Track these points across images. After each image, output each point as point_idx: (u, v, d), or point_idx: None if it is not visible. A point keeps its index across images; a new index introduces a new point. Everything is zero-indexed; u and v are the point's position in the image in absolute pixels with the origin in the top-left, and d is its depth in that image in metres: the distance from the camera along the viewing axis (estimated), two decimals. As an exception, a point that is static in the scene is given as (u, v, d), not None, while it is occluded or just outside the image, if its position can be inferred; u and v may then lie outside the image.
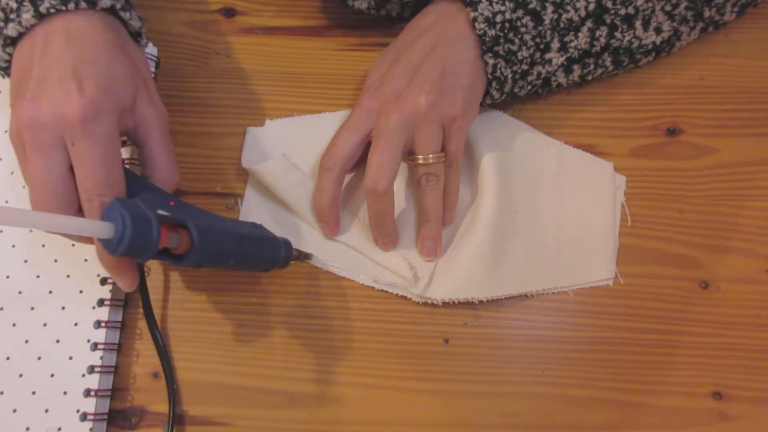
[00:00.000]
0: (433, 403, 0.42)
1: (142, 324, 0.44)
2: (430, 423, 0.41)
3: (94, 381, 0.41)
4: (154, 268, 0.45)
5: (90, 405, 0.41)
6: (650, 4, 0.42)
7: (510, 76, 0.42)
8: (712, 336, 0.42)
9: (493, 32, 0.40)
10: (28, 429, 0.40)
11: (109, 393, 0.42)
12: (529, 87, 0.44)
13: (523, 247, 0.44)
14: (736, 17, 0.47)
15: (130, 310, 0.44)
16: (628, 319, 0.43)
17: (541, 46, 0.42)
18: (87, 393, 0.41)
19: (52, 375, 0.42)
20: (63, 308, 0.43)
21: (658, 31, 0.44)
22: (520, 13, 0.41)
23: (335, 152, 0.41)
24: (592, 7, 0.42)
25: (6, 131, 0.48)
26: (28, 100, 0.35)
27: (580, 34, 0.42)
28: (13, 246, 0.45)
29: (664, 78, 0.48)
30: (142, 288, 0.42)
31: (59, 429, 0.40)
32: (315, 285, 0.44)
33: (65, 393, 0.41)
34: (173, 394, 0.41)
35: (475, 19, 0.40)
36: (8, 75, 0.39)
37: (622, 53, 0.44)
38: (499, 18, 0.40)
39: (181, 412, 0.42)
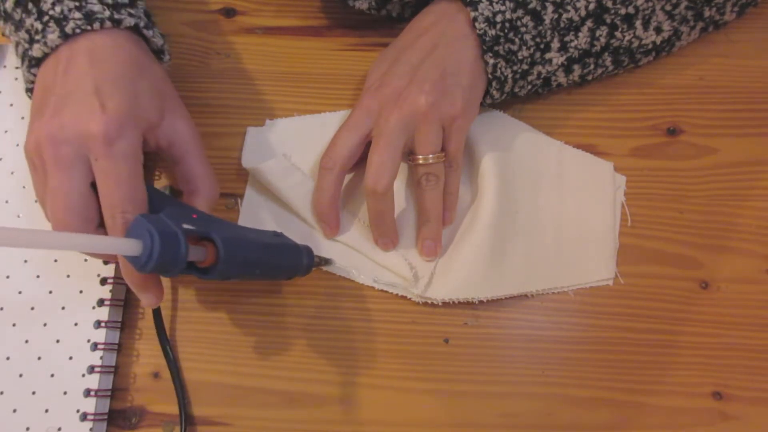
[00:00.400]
0: (433, 403, 0.42)
1: (143, 324, 0.44)
2: (430, 423, 0.41)
3: (94, 381, 0.41)
4: (154, 268, 0.45)
5: (90, 405, 0.41)
6: (650, 4, 0.42)
7: (510, 75, 0.42)
8: (712, 336, 0.42)
9: (493, 32, 0.40)
10: (28, 429, 0.40)
11: (109, 393, 0.42)
12: (530, 87, 0.44)
13: (523, 247, 0.44)
14: (737, 17, 0.47)
15: (130, 310, 0.44)
16: (628, 319, 0.43)
17: (542, 46, 0.42)
18: (87, 393, 0.41)
19: (52, 375, 0.42)
20: (63, 308, 0.43)
21: (658, 30, 0.44)
22: (520, 12, 0.41)
23: (335, 152, 0.41)
24: (592, 6, 0.42)
25: (6, 131, 0.48)
26: (48, 117, 0.35)
27: (580, 34, 0.42)
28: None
29: (664, 78, 0.48)
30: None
31: (59, 429, 0.40)
32: (315, 285, 0.44)
33: (65, 393, 0.41)
34: (183, 406, 0.41)
35: (475, 19, 0.40)
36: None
37: (622, 53, 0.44)
38: (499, 18, 0.40)
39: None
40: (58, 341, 0.42)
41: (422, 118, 0.39)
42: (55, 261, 0.44)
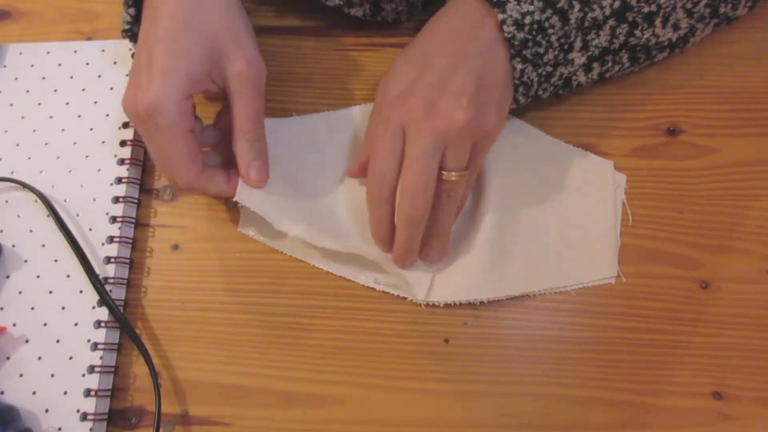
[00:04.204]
0: (433, 403, 0.42)
1: (142, 324, 0.44)
2: (430, 423, 0.41)
3: (94, 381, 0.41)
4: (156, 267, 0.45)
5: (90, 405, 0.41)
6: (672, 2, 0.41)
7: (536, 79, 0.40)
8: (712, 336, 0.42)
9: (521, 35, 0.38)
10: (28, 429, 0.40)
11: (109, 393, 0.42)
12: (552, 89, 0.43)
13: (524, 247, 0.44)
14: (748, 11, 0.46)
15: (130, 310, 0.44)
16: (628, 319, 0.43)
17: (565, 47, 0.40)
18: (87, 393, 0.41)
19: (52, 375, 0.42)
20: (63, 308, 0.43)
21: (676, 27, 0.43)
22: (549, 12, 0.38)
23: (382, 180, 0.39)
24: (617, 4, 0.40)
25: (6, 131, 0.48)
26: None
27: (601, 32, 0.40)
28: (14, 246, 0.45)
29: (664, 78, 0.48)
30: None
31: (59, 429, 0.40)
32: (315, 285, 0.44)
33: (65, 393, 0.41)
34: (158, 388, 0.42)
35: (503, 22, 0.38)
36: (132, 40, 0.42)
37: (639, 50, 0.43)
38: (528, 19, 0.38)
39: (181, 412, 0.42)
40: (58, 341, 0.42)
41: (458, 135, 0.37)
42: (56, 261, 0.44)
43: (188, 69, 0.37)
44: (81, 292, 0.43)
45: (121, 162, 0.46)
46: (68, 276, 0.44)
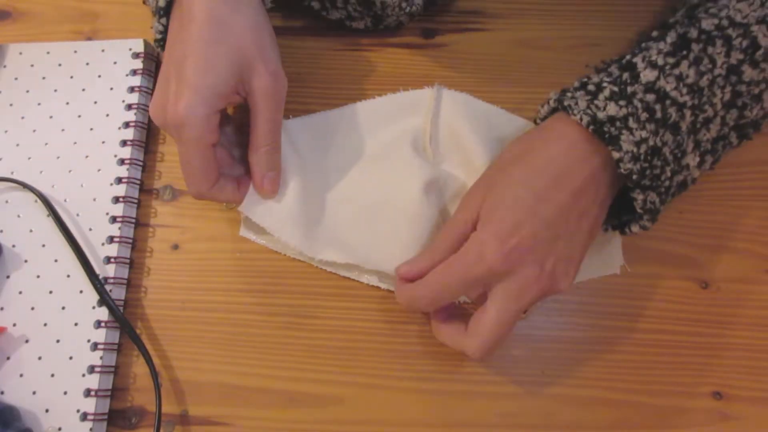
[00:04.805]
0: (434, 403, 0.42)
1: (143, 324, 0.44)
2: (429, 423, 0.41)
3: (94, 381, 0.41)
4: (155, 267, 0.45)
5: (90, 405, 0.41)
6: None
7: (657, 200, 0.38)
8: (712, 336, 0.42)
9: (638, 166, 0.36)
10: (28, 429, 0.40)
11: (109, 393, 0.42)
12: (669, 199, 0.40)
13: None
14: None
15: (130, 310, 0.44)
16: (628, 319, 0.43)
17: (679, 155, 0.38)
18: (87, 393, 0.41)
19: (52, 375, 0.42)
20: (63, 308, 0.43)
21: None
22: (661, 132, 0.36)
23: (436, 300, 0.38)
24: (728, 97, 0.37)
25: (6, 131, 0.48)
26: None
27: (711, 126, 0.38)
28: (14, 246, 0.45)
29: (664, 78, 0.48)
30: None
31: (59, 429, 0.40)
32: (315, 285, 0.44)
33: (65, 393, 0.41)
34: (158, 388, 0.42)
35: (620, 160, 0.36)
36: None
37: (748, 126, 0.40)
38: (643, 148, 0.36)
39: (181, 412, 0.42)
40: (58, 341, 0.42)
41: (550, 296, 0.38)
42: (56, 261, 0.44)
43: (216, 85, 0.37)
44: (81, 292, 0.43)
45: (121, 162, 0.46)
46: (68, 276, 0.44)
